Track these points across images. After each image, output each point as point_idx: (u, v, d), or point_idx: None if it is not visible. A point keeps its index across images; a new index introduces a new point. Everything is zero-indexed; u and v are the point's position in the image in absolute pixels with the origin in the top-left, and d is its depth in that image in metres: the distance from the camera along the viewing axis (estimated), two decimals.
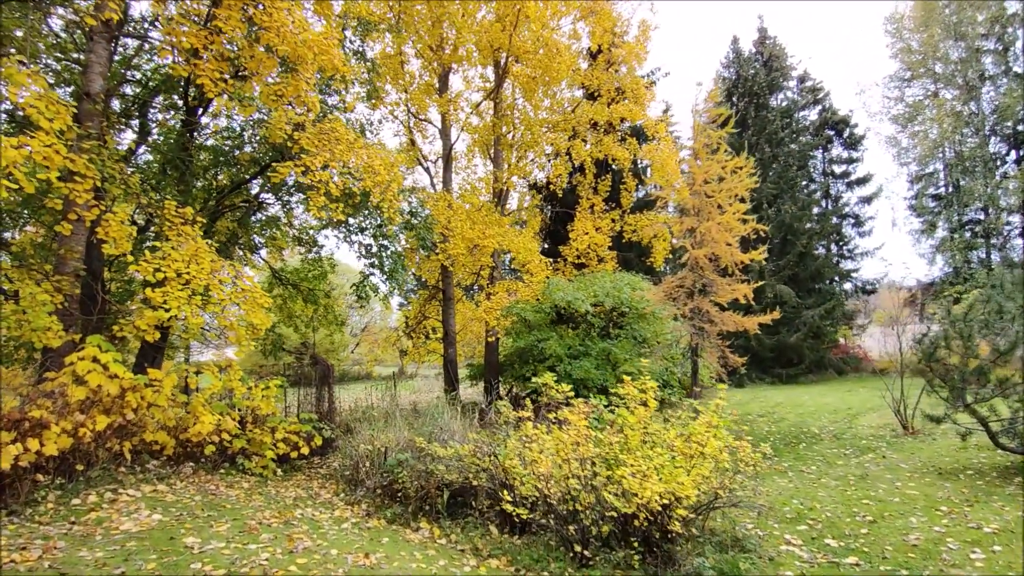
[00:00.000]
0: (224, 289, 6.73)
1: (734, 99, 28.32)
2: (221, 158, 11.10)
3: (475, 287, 19.10)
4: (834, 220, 29.38)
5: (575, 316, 13.18)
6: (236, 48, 6.55)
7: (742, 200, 11.80)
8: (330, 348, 30.35)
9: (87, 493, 5.77)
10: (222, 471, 7.91)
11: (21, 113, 6.55)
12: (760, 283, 13.07)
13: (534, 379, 6.52)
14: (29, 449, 5.35)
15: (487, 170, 18.70)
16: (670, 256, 17.03)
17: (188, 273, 6.51)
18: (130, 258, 6.64)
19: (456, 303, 17.11)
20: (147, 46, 14.59)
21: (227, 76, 6.26)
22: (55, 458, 5.69)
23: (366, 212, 9.70)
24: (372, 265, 9.45)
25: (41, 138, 5.30)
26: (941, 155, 28.52)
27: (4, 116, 8.05)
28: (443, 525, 6.15)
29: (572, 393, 6.28)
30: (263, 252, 16.47)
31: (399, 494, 6.86)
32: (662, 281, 13.55)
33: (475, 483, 6.24)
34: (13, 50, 6.21)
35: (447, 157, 16.35)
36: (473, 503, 6.62)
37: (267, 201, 15.42)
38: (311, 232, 17.74)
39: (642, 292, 12.90)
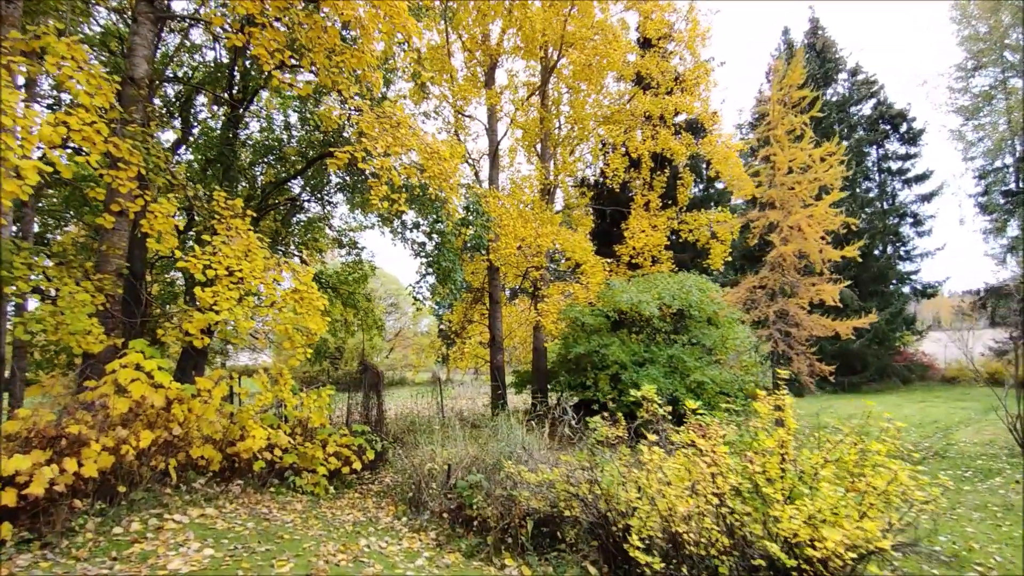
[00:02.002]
0: (278, 289, 6.00)
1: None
2: (267, 154, 10.52)
3: (520, 290, 18.26)
4: (891, 219, 27.73)
5: (637, 320, 12.21)
6: (291, 21, 5.86)
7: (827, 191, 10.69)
8: (365, 353, 29.89)
9: (130, 519, 5.08)
10: (271, 489, 7.20)
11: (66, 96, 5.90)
12: (847, 283, 11.91)
13: (633, 392, 5.61)
14: (66, 470, 4.67)
15: (531, 169, 17.88)
16: (729, 258, 15.92)
17: (240, 271, 5.80)
18: (178, 253, 5.97)
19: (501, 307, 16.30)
20: (188, 43, 14.16)
21: (282, 47, 5.58)
22: (94, 479, 5.00)
23: (421, 207, 8.96)
24: (430, 264, 8.69)
25: (80, 115, 4.64)
26: (1011, 149, 26.65)
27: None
28: (530, 562, 5.28)
29: (655, 404, 5.35)
30: (303, 255, 15.96)
31: (474, 521, 6.01)
32: (727, 284, 12.49)
33: (566, 513, 5.35)
34: (51, 21, 5.61)
35: (493, 154, 15.58)
36: (558, 534, 5.75)
37: (308, 203, 14.89)
38: (351, 234, 17.16)
39: (712, 294, 11.87)
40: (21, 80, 6.49)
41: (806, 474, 4.27)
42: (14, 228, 9.14)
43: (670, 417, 5.76)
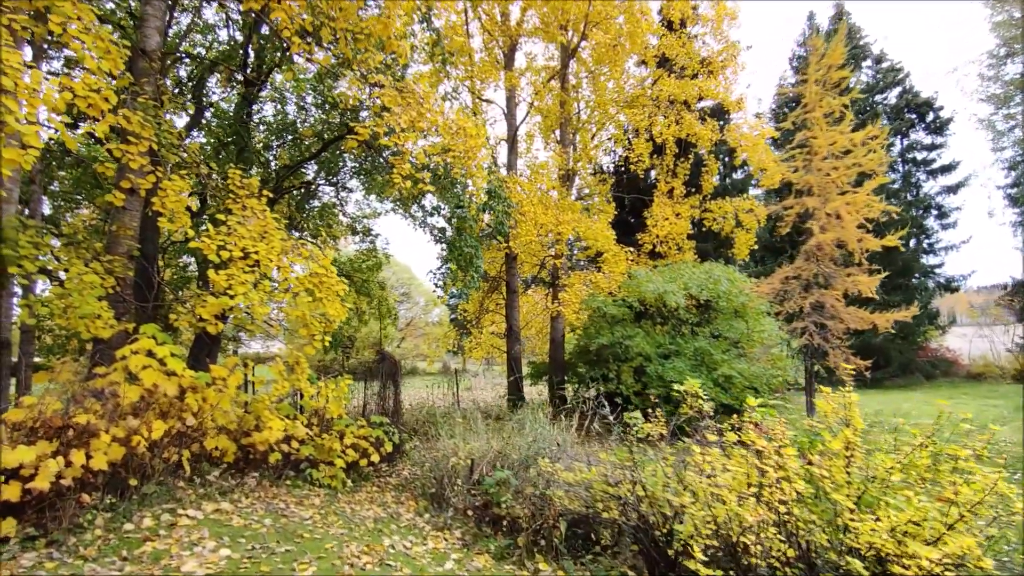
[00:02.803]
0: (296, 272, 5.66)
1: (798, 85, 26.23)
2: (282, 135, 10.16)
3: (536, 279, 17.87)
4: (915, 211, 26.97)
5: (662, 311, 11.79)
6: None
7: (866, 177, 10.18)
8: (376, 343, 29.66)
9: (141, 515, 4.78)
10: (287, 482, 6.89)
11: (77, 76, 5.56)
12: (886, 274, 11.38)
13: (676, 386, 5.22)
14: (73, 463, 4.37)
15: (549, 155, 17.43)
16: (755, 247, 15.41)
17: (256, 253, 5.45)
18: (191, 233, 5.63)
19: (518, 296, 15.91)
20: (200, 23, 13.77)
21: (304, 14, 5.21)
22: (104, 472, 4.70)
23: (442, 190, 8.58)
24: (451, 250, 8.31)
25: (87, 80, 4.29)
26: None
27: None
28: (565, 567, 4.94)
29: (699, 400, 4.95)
30: (317, 241, 15.66)
31: (503, 521, 5.68)
32: (751, 276, 12.03)
33: (604, 515, 4.99)
34: None
35: (512, 139, 15.14)
36: (592, 536, 5.40)
37: (322, 187, 14.55)
38: (365, 221, 16.82)
39: (742, 285, 11.41)
40: (29, 53, 6.14)
41: (878, 479, 3.87)
42: (22, 208, 8.86)
43: (712, 414, 5.37)
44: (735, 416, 5.86)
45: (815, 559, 3.69)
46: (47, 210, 11.13)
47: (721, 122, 16.55)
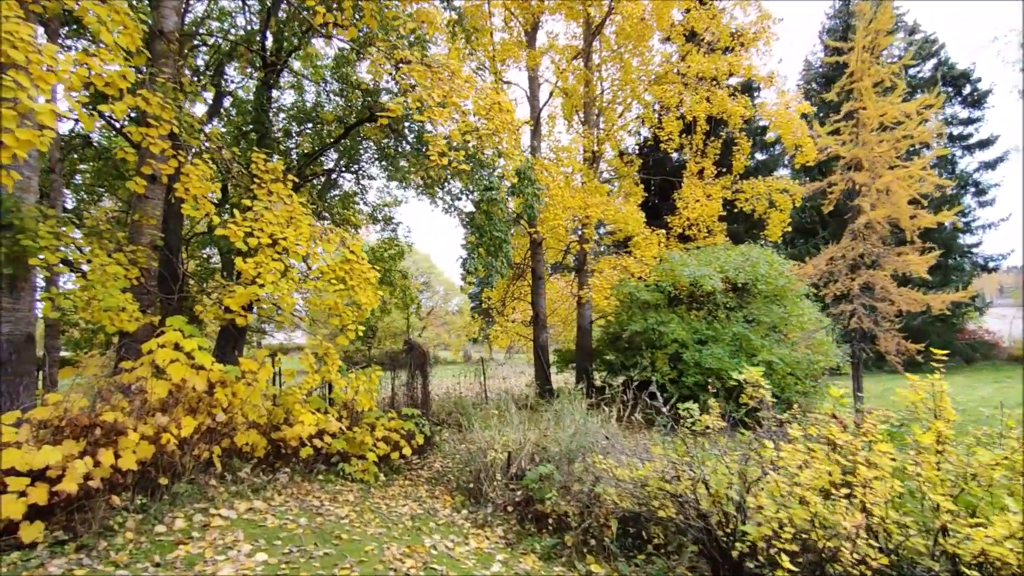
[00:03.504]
0: (325, 258, 5.37)
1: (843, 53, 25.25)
2: (303, 123, 9.88)
3: (560, 266, 17.48)
4: (951, 189, 25.94)
5: (697, 296, 11.35)
6: None
7: (918, 151, 9.57)
8: (398, 332, 29.58)
9: (173, 516, 4.57)
10: (320, 477, 6.68)
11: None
12: (939, 252, 10.79)
13: (735, 375, 4.84)
14: (102, 463, 4.15)
15: (571, 137, 16.95)
16: (787, 229, 14.81)
17: (284, 239, 5.17)
18: (216, 219, 5.37)
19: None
20: (217, 8, 13.49)
21: None
22: (133, 471, 4.49)
23: (470, 175, 8.23)
24: (480, 234, 7.97)
25: (103, 56, 4.00)
26: None
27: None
28: (620, 568, 4.62)
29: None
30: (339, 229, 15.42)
31: (548, 519, 5.38)
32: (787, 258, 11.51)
33: (661, 513, 4.66)
34: None
35: (536, 120, 14.69)
36: (644, 535, 5.07)
37: (342, 174, 14.30)
38: (387, 209, 16.57)
39: (780, 267, 10.91)
40: (41, 33, 5.89)
41: (980, 477, 3.47)
42: (42, 199, 8.72)
43: (774, 403, 4.98)
44: (794, 407, 5.48)
45: (909, 567, 3.31)
46: (70, 203, 11.03)
47: (751, 99, 15.90)
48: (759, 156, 22.62)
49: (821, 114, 21.82)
